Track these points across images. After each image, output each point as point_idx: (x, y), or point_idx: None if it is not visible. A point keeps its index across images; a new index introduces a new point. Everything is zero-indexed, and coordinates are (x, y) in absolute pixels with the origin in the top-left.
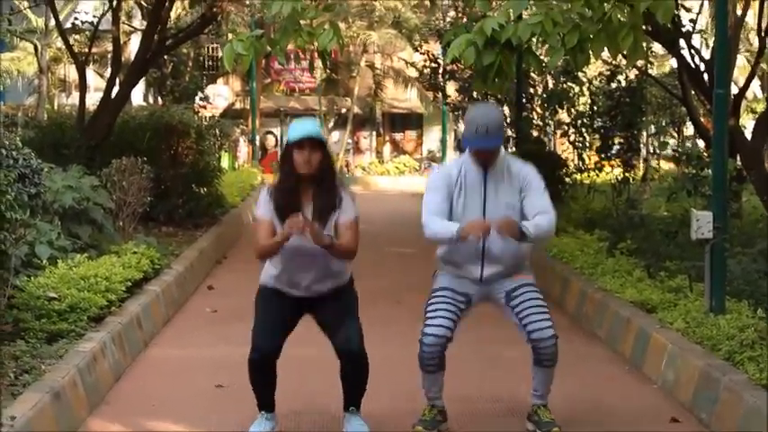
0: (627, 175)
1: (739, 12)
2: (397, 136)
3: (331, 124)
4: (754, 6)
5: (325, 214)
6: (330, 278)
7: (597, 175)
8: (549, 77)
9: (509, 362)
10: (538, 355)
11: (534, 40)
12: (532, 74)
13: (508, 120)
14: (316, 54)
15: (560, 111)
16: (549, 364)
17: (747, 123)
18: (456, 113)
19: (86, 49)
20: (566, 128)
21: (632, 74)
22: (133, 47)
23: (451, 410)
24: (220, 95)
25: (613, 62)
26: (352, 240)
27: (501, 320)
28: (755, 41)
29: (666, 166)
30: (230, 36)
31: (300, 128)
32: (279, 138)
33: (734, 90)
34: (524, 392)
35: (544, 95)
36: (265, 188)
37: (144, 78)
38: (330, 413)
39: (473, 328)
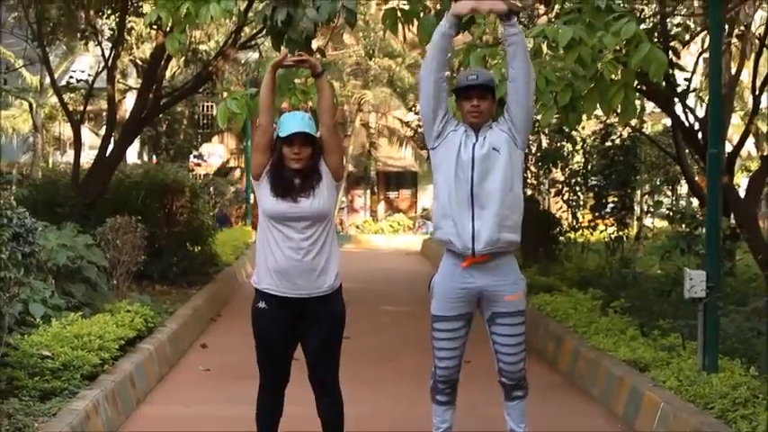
0: (621, 233)
1: (734, 70)
2: (392, 194)
3: None
4: (749, 65)
5: (312, 186)
6: (322, 274)
7: (591, 234)
8: (542, 136)
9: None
10: (506, 386)
11: None
12: None
13: None
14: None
15: (554, 169)
16: (519, 394)
17: (741, 182)
18: None
19: (81, 108)
20: (560, 186)
21: (626, 132)
22: (128, 105)
23: None
24: (215, 154)
25: (607, 121)
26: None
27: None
28: (750, 100)
29: (660, 224)
30: (224, 94)
31: (290, 122)
32: None
33: (728, 148)
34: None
35: (538, 154)
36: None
37: (139, 136)
38: None
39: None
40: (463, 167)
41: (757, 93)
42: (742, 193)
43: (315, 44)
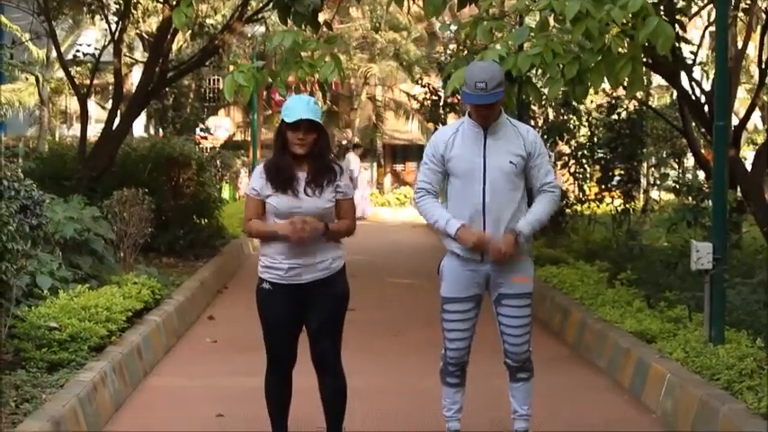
0: (627, 206)
1: (740, 44)
2: (398, 167)
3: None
4: (755, 38)
5: (322, 184)
6: (325, 262)
7: (597, 207)
8: (549, 109)
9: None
10: (511, 367)
11: (534, 71)
12: (533, 106)
13: None
14: (316, 86)
15: (560, 142)
16: (524, 376)
17: (748, 155)
18: None
19: (88, 81)
20: (566, 159)
21: (632, 105)
22: (135, 78)
23: None
24: (221, 127)
25: (614, 94)
26: (351, 222)
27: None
28: (756, 73)
29: (667, 197)
30: (231, 68)
31: (296, 108)
32: None
33: (735, 122)
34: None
35: (544, 127)
36: (261, 163)
37: (145, 110)
38: None
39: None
40: (474, 179)
41: (764, 66)
42: (748, 166)
43: (321, 17)
